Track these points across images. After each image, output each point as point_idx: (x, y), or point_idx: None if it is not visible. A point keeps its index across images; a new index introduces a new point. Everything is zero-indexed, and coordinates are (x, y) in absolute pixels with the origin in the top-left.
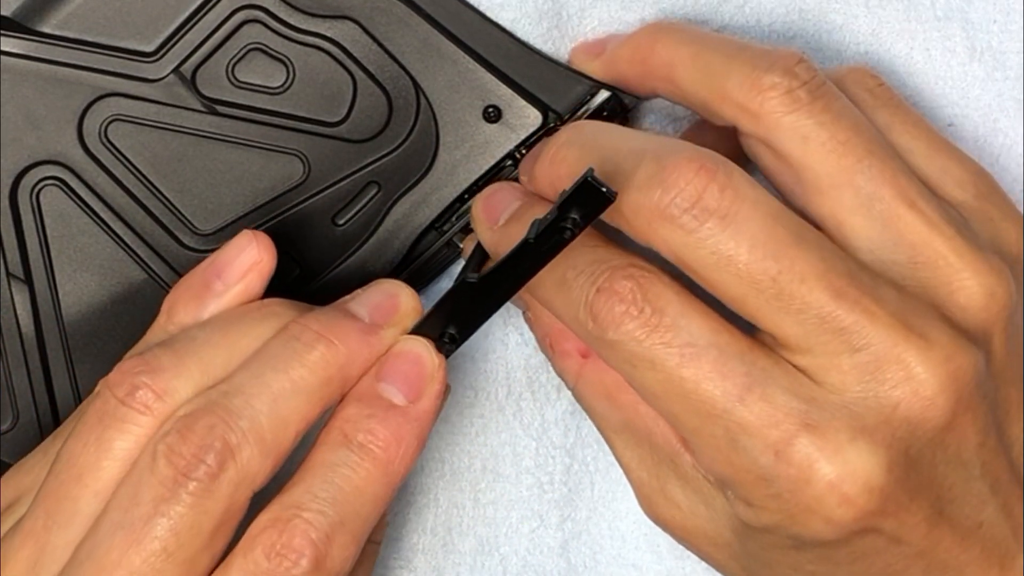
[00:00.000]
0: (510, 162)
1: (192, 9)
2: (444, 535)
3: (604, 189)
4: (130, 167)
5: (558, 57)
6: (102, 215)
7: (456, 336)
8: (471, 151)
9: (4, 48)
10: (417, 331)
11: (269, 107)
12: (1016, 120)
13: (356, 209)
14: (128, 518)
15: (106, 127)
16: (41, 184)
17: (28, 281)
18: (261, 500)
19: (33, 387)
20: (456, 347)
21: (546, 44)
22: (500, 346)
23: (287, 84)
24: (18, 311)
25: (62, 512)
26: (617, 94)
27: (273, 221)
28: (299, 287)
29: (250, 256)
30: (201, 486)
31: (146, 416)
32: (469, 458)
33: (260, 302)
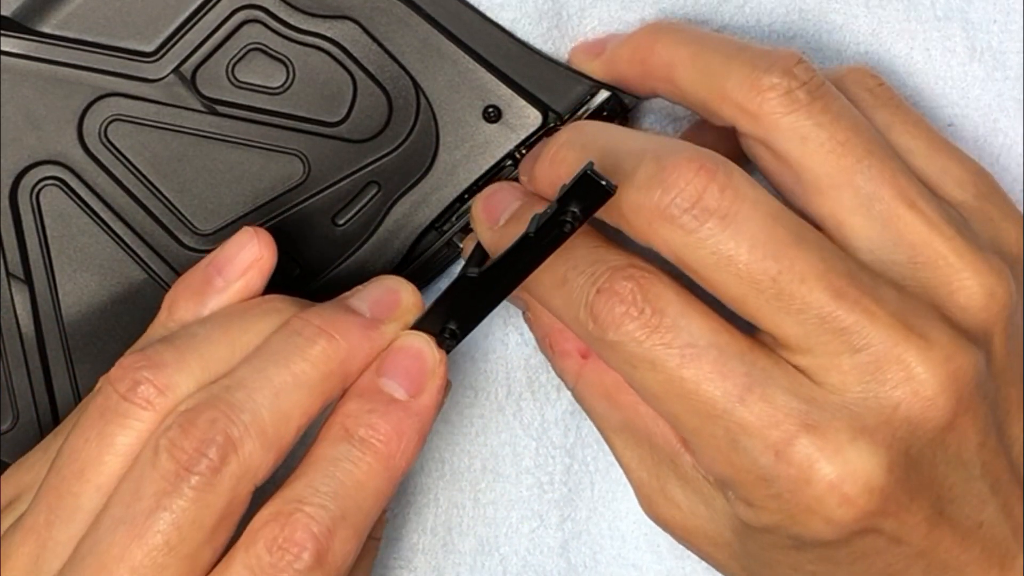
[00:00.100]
0: (510, 162)
1: (192, 9)
2: (444, 535)
3: (604, 182)
4: (130, 167)
5: (558, 57)
6: (102, 215)
7: (457, 331)
8: (471, 151)
9: (4, 48)
10: (418, 327)
11: (269, 107)
12: (1016, 120)
13: (356, 209)
14: (130, 513)
15: (106, 127)
16: (41, 184)
17: (28, 281)
18: (262, 496)
19: (33, 387)
20: (457, 342)
21: (546, 44)
22: (500, 346)
23: (287, 84)
24: (18, 311)
25: (64, 508)
26: (617, 94)
27: (273, 221)
28: (299, 287)
29: (251, 253)
30: (203, 480)
31: (148, 411)
32: (469, 458)
33: (261, 298)
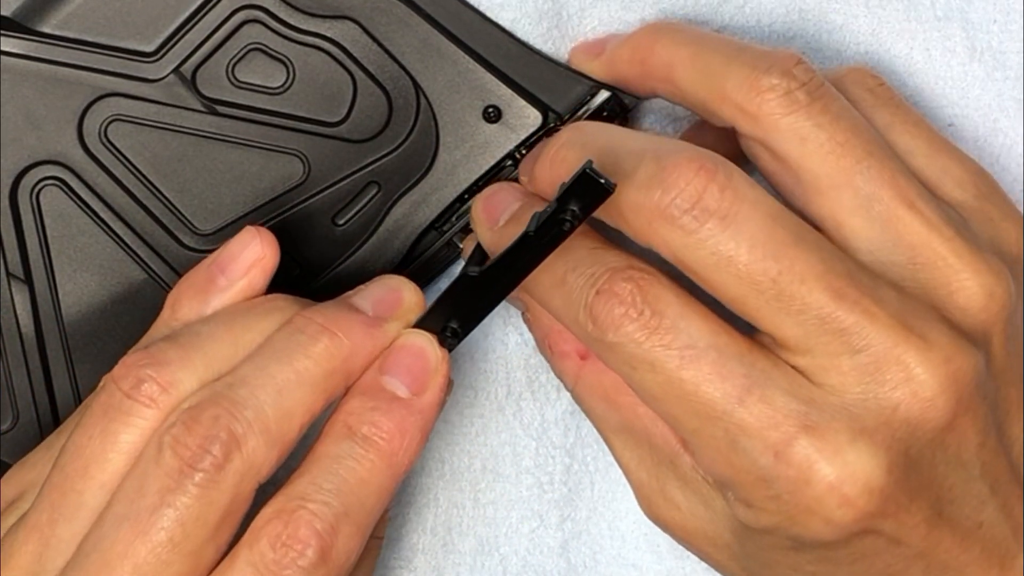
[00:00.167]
0: (510, 162)
1: (192, 9)
2: (444, 535)
3: (603, 180)
4: (130, 167)
5: (558, 57)
6: (102, 215)
7: (458, 330)
8: (471, 151)
9: (4, 48)
10: (420, 325)
11: (269, 107)
12: (1016, 120)
13: (356, 209)
14: (134, 510)
15: (106, 127)
16: (41, 184)
17: (28, 281)
18: (266, 494)
19: (33, 387)
20: (458, 341)
21: (546, 44)
22: (500, 346)
23: (287, 84)
24: (18, 311)
25: (67, 505)
26: (617, 94)
27: (273, 221)
28: (299, 287)
29: (253, 252)
30: (207, 477)
31: (151, 409)
32: (469, 458)
33: (264, 297)
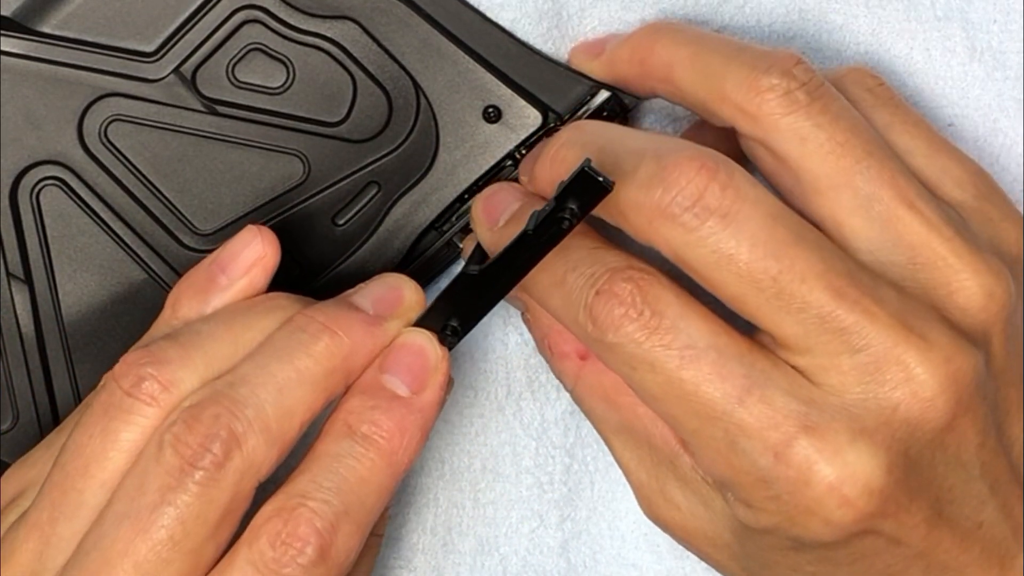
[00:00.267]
0: (510, 162)
1: (192, 9)
2: (444, 535)
3: (601, 179)
4: (130, 167)
5: (558, 57)
6: (102, 215)
7: (458, 328)
8: (471, 151)
9: (4, 48)
10: (420, 324)
11: (269, 107)
12: (1016, 120)
13: (356, 209)
14: (134, 508)
15: (106, 127)
16: (41, 184)
17: (28, 281)
18: (265, 493)
19: (33, 387)
20: (458, 340)
21: (546, 44)
22: (500, 346)
23: (287, 84)
24: (18, 311)
25: (68, 503)
26: (617, 94)
27: (273, 221)
28: (299, 287)
29: (255, 251)
30: (207, 475)
31: (152, 407)
32: (469, 458)
33: (264, 296)
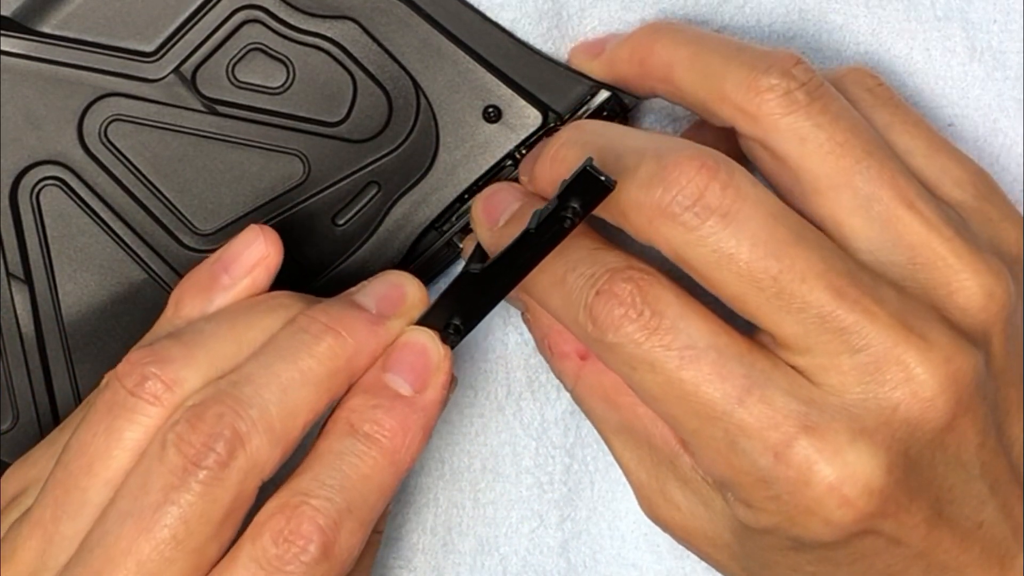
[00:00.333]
0: (510, 162)
1: (192, 9)
2: (444, 535)
3: (603, 178)
4: (130, 167)
5: (558, 57)
6: (102, 215)
7: (460, 327)
8: (471, 151)
9: (4, 48)
10: (422, 322)
11: (269, 107)
12: (1016, 120)
13: (356, 209)
14: (138, 506)
15: (106, 127)
16: (41, 184)
17: (28, 281)
18: (268, 493)
19: (33, 387)
20: (460, 338)
21: (546, 44)
22: (500, 346)
23: (287, 84)
24: (18, 311)
25: (71, 502)
26: (617, 94)
27: (273, 221)
28: (299, 287)
29: (257, 251)
30: (211, 474)
31: (155, 406)
32: (469, 458)
33: (267, 295)
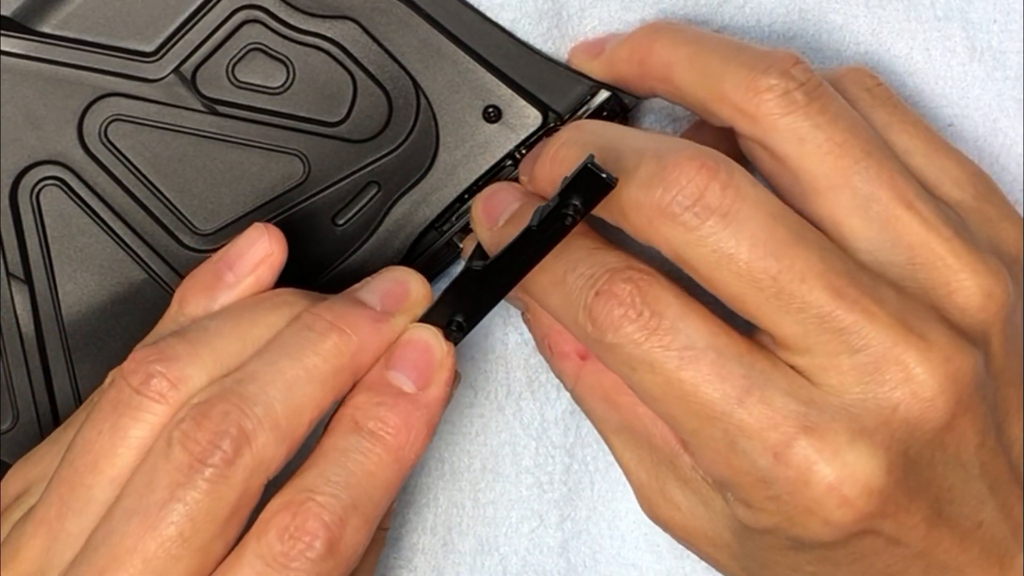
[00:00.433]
0: (510, 162)
1: (192, 9)
2: (444, 535)
3: (604, 175)
4: (130, 167)
5: (558, 57)
6: (102, 215)
7: (463, 324)
8: (471, 151)
9: (4, 48)
10: (425, 319)
11: (269, 107)
12: (1016, 120)
13: (356, 209)
14: (143, 504)
15: (106, 127)
16: (41, 184)
17: (28, 281)
18: (273, 491)
19: (33, 387)
20: (463, 335)
21: (546, 44)
22: (500, 346)
23: (287, 84)
24: (18, 311)
25: (76, 499)
26: (617, 94)
27: (273, 221)
28: (299, 287)
29: (262, 249)
30: (216, 472)
31: (161, 404)
32: (469, 458)
33: (271, 292)
